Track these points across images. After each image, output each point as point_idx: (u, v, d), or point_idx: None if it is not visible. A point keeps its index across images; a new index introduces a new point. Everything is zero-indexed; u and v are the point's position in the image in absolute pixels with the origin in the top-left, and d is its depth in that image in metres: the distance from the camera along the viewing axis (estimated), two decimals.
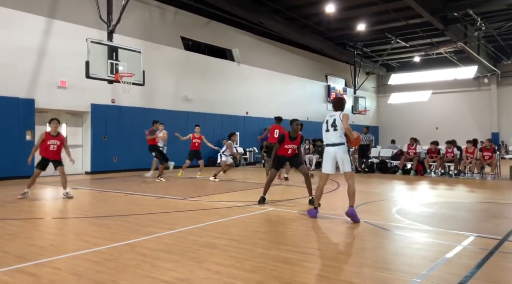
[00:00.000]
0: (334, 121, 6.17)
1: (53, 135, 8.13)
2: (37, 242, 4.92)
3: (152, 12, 16.12)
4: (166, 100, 16.35)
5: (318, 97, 25.63)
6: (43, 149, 8.09)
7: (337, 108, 6.33)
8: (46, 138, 8.08)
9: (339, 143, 6.13)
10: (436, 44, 22.88)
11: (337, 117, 6.16)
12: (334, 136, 6.14)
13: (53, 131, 8.13)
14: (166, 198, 8.46)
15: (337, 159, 6.18)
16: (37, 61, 12.58)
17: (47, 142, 8.06)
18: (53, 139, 8.12)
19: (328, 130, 6.17)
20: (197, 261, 4.06)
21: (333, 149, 6.16)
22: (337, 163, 6.26)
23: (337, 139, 6.12)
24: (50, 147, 8.08)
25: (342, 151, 6.11)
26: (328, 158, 6.23)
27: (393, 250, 4.80)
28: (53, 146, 8.09)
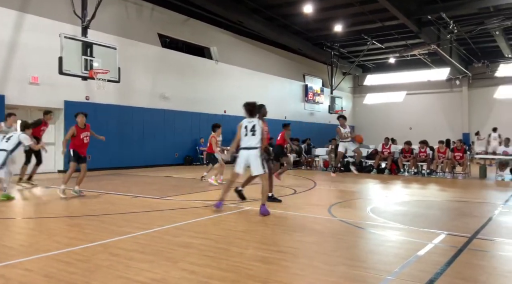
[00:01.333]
0: (253, 126, 6.54)
1: (82, 127, 8.45)
2: (7, 243, 4.77)
3: (128, 8, 15.84)
4: (143, 97, 16.12)
5: (296, 97, 25.79)
6: (76, 142, 8.38)
7: (253, 114, 6.76)
8: (78, 132, 8.30)
9: (254, 147, 6.51)
10: (410, 46, 23.37)
11: (256, 123, 6.59)
12: (252, 140, 6.52)
13: (81, 123, 8.43)
14: (141, 197, 8.35)
15: (249, 162, 6.53)
16: (8, 55, 12.18)
17: (80, 135, 8.36)
18: (84, 131, 8.44)
19: (247, 135, 6.56)
20: (173, 261, 4.03)
21: (246, 152, 6.54)
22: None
23: (253, 144, 6.51)
24: (84, 140, 8.43)
25: (254, 155, 6.50)
26: (241, 160, 6.61)
27: (368, 248, 4.88)
28: (86, 138, 8.49)
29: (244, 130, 6.60)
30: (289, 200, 8.29)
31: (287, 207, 7.32)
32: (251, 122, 6.60)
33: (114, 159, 14.71)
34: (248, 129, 6.55)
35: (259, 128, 6.55)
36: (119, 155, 14.95)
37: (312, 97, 26.80)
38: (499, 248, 5.00)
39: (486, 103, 27.23)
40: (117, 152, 14.88)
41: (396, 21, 19.28)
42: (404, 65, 27.72)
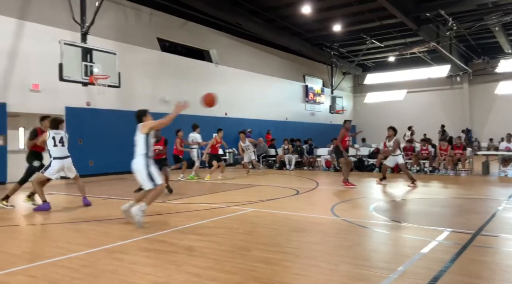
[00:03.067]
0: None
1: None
2: (11, 250, 4.78)
3: (127, 13, 15.89)
4: (143, 102, 16.08)
5: (296, 97, 25.80)
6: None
7: (54, 127, 7.38)
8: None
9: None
10: (409, 44, 23.36)
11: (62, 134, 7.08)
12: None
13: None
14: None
15: None
16: (8, 63, 12.23)
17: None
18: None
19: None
20: (176, 265, 4.03)
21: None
22: None
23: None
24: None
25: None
26: None
27: (371, 247, 4.88)
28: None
29: None
30: (292, 201, 8.29)
31: (290, 208, 7.32)
32: None
33: (116, 164, 14.72)
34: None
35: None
36: (120, 160, 14.94)
37: (313, 97, 26.81)
38: (503, 244, 4.99)
39: (487, 99, 27.20)
40: (118, 157, 14.89)
41: (395, 20, 19.28)
42: (404, 63, 27.70)
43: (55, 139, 7.57)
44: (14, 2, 12.41)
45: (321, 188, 10.37)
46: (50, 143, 7.50)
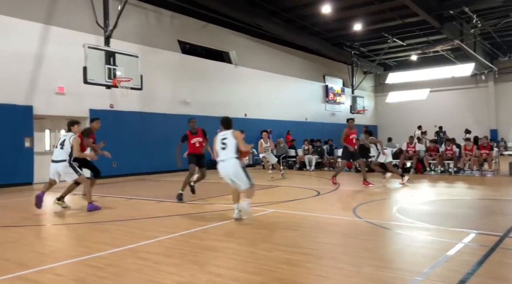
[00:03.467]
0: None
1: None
2: (39, 249, 4.92)
3: (148, 16, 16.13)
4: (164, 104, 16.35)
5: (316, 98, 25.65)
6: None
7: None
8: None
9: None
10: (432, 42, 22.91)
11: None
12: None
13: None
14: (166, 201, 8.46)
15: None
16: (35, 67, 12.58)
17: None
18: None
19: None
20: (199, 264, 4.07)
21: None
22: None
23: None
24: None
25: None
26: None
27: (394, 249, 4.81)
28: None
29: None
30: (313, 202, 8.25)
31: (311, 209, 7.28)
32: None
33: (138, 165, 14.96)
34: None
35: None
36: (142, 161, 15.19)
37: (333, 97, 26.59)
38: None
39: None
40: (140, 158, 15.13)
41: (417, 18, 18.94)
42: (426, 62, 27.18)
43: (58, 141, 7.65)
44: (40, 7, 12.77)
45: (342, 189, 10.28)
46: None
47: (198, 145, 8.88)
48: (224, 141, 6.44)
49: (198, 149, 8.91)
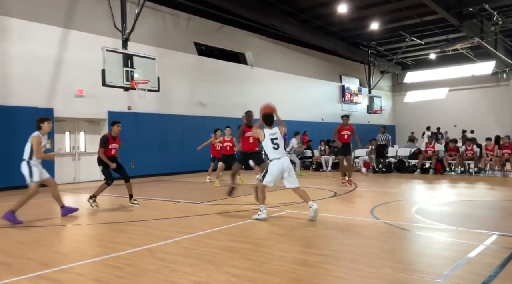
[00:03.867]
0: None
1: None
2: (59, 249, 5.01)
3: (165, 19, 16.30)
4: (181, 105, 16.49)
5: (332, 98, 25.48)
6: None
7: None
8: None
9: None
10: (451, 40, 22.49)
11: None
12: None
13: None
14: (183, 202, 8.52)
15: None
16: (55, 71, 12.85)
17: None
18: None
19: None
20: (216, 265, 4.08)
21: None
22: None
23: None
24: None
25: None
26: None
27: (414, 251, 4.73)
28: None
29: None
30: (330, 203, 8.19)
31: (328, 210, 7.22)
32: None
33: (156, 166, 15.11)
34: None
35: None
36: (160, 162, 15.34)
37: (350, 97, 26.37)
38: None
39: None
40: (158, 159, 15.29)
41: (436, 16, 18.64)
42: (445, 60, 26.72)
43: None
44: (59, 12, 13.03)
45: (359, 190, 10.17)
46: None
47: (252, 141, 8.34)
48: (275, 141, 6.40)
49: (252, 146, 8.36)
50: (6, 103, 11.65)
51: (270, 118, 6.60)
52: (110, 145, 7.90)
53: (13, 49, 11.90)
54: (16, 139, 11.77)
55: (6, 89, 11.76)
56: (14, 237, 5.59)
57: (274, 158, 6.35)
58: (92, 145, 14.25)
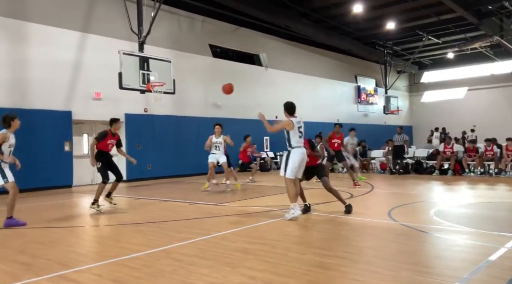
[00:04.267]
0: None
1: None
2: (78, 249, 5.09)
3: (180, 21, 16.43)
4: (196, 107, 16.59)
5: (348, 98, 25.27)
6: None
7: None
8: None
9: None
10: (470, 39, 22.09)
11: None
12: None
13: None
14: (199, 204, 8.56)
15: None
16: (73, 74, 13.08)
17: None
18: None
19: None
20: (232, 266, 4.08)
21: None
22: None
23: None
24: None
25: None
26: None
27: (433, 253, 4.65)
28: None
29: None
30: None
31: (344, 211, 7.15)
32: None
33: (171, 167, 15.23)
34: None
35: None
36: (176, 163, 15.46)
37: (366, 98, 26.12)
38: None
39: None
40: (174, 160, 15.41)
41: (453, 14, 18.33)
42: (464, 59, 26.25)
43: None
44: (77, 16, 13.27)
45: (376, 192, 10.06)
46: None
47: None
48: (300, 129, 6.47)
49: None
50: (27, 106, 11.91)
51: (293, 107, 6.73)
52: (108, 141, 7.97)
53: (32, 54, 12.16)
54: (36, 141, 12.05)
55: (26, 93, 12.02)
56: (34, 238, 5.70)
57: (297, 146, 6.39)
58: None
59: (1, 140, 6.29)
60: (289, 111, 6.68)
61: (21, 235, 5.91)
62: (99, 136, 7.95)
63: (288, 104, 6.82)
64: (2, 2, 11.68)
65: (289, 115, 6.63)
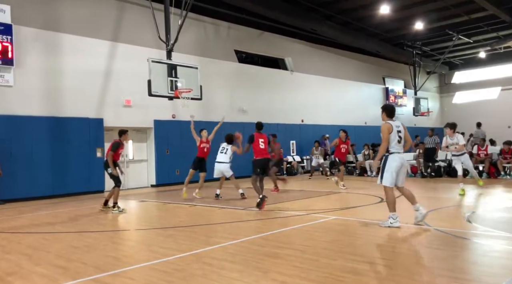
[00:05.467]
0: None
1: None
2: (111, 253, 5.21)
3: (206, 28, 16.66)
4: (223, 112, 16.67)
5: (376, 101, 24.84)
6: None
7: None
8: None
9: None
10: (503, 37, 21.37)
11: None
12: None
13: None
14: (227, 208, 8.61)
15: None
16: (104, 82, 13.46)
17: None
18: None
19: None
20: (262, 271, 4.07)
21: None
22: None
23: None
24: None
25: None
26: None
27: (469, 259, 4.50)
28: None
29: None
30: (376, 209, 7.96)
31: (375, 216, 7.03)
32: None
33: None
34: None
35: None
36: None
37: (394, 100, 25.62)
38: None
39: None
40: None
41: (485, 13, 17.80)
42: (496, 58, 25.40)
43: None
44: (107, 26, 13.67)
45: None
46: None
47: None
48: (399, 134, 6.01)
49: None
50: (60, 115, 12.34)
51: (393, 110, 6.33)
52: (120, 151, 8.79)
53: (65, 64, 12.60)
54: (70, 149, 12.47)
55: (59, 101, 12.46)
56: (69, 242, 5.87)
57: (396, 152, 5.96)
58: (139, 153, 14.78)
59: None
60: (389, 114, 6.21)
61: (59, 239, 6.10)
62: (114, 147, 8.62)
63: (389, 106, 6.42)
64: (38, 15, 12.18)
65: (388, 118, 6.17)
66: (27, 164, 11.60)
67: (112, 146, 8.68)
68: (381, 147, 6.06)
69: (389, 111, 6.27)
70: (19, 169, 11.48)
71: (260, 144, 8.59)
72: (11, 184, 11.24)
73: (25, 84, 11.76)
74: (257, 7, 15.92)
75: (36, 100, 11.97)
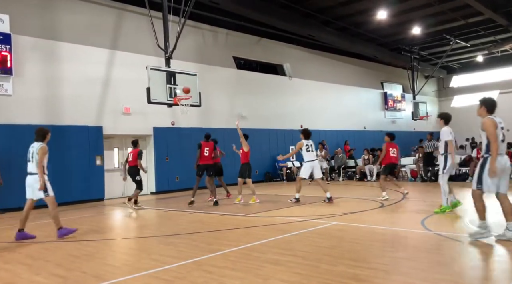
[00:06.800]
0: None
1: None
2: (111, 262, 5.18)
3: (205, 35, 16.72)
4: (222, 119, 16.73)
5: (375, 106, 24.92)
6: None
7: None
8: None
9: None
10: (500, 41, 21.46)
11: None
12: None
13: None
14: (227, 215, 8.59)
15: None
16: (103, 90, 13.48)
17: None
18: None
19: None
20: (263, 278, 4.06)
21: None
22: None
23: None
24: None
25: None
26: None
27: (470, 264, 4.48)
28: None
29: None
30: (377, 214, 7.95)
31: (376, 221, 7.02)
32: None
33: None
34: None
35: None
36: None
37: (393, 104, 25.68)
38: None
39: None
40: None
41: (482, 17, 17.90)
42: (494, 62, 25.50)
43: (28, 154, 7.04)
44: (106, 34, 13.72)
45: (408, 200, 9.82)
46: None
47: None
48: (503, 132, 5.31)
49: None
50: (59, 123, 12.33)
51: (493, 103, 5.52)
52: None
53: (64, 72, 12.61)
54: (69, 156, 12.45)
55: (59, 110, 12.46)
56: (69, 251, 5.85)
57: (498, 153, 5.04)
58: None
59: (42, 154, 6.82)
60: (490, 108, 5.42)
61: (58, 248, 6.07)
62: (141, 155, 10.42)
63: (489, 99, 5.55)
64: (36, 24, 12.22)
65: (489, 113, 5.40)
66: (26, 173, 11.55)
67: (138, 155, 10.29)
68: (492, 147, 5.05)
69: (490, 104, 5.42)
70: (19, 178, 11.39)
71: (205, 151, 10.60)
72: (11, 193, 11.20)
73: (24, 93, 11.77)
74: (254, 13, 16.01)
75: (35, 109, 11.98)
